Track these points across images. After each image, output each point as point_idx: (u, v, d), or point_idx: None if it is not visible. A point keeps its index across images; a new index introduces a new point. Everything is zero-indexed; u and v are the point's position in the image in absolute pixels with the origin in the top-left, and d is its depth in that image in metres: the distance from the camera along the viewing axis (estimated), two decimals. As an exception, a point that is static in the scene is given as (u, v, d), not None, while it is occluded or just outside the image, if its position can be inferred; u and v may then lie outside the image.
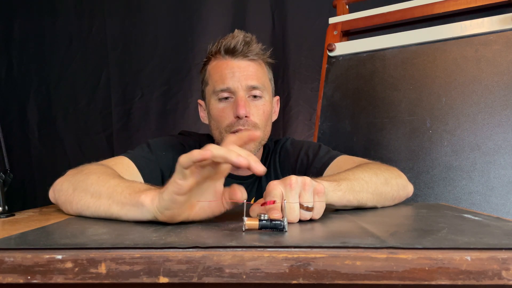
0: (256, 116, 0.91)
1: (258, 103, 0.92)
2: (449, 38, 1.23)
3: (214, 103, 0.93)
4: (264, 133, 0.94)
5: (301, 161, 0.97)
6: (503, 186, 1.07)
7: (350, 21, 1.43)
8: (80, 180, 0.64)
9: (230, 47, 0.90)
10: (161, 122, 2.00)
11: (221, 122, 0.91)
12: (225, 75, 0.90)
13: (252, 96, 0.92)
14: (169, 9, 2.00)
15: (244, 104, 0.89)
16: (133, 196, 0.55)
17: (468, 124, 1.15)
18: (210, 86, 0.94)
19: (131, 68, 2.01)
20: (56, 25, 2.03)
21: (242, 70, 0.91)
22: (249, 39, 0.92)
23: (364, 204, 0.68)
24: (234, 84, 0.89)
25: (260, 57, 0.94)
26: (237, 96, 0.89)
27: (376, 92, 1.32)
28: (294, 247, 0.39)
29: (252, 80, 0.91)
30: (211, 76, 0.94)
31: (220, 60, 0.93)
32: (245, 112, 0.88)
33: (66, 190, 0.65)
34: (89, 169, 0.67)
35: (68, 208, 0.65)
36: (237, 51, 0.91)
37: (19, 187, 2.03)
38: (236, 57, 0.91)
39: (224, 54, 0.92)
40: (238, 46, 0.90)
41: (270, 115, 0.98)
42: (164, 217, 0.51)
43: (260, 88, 0.92)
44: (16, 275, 0.38)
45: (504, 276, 0.36)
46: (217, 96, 0.91)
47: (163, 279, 0.37)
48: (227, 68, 0.91)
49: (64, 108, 2.04)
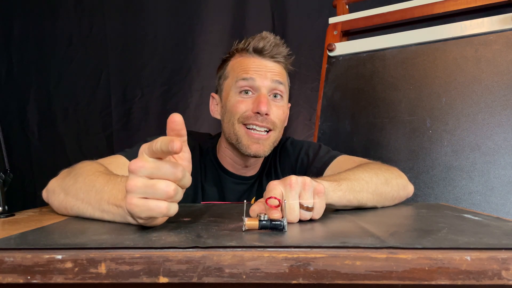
0: (276, 115, 0.90)
1: (279, 103, 0.92)
2: (449, 38, 1.23)
3: (233, 95, 0.91)
4: (279, 134, 0.94)
5: (301, 161, 0.97)
6: (503, 186, 1.07)
7: (350, 21, 1.43)
8: (70, 185, 0.64)
9: (259, 46, 0.90)
10: (161, 122, 2.00)
11: (236, 112, 0.89)
12: (250, 68, 0.89)
13: (273, 95, 0.91)
14: (169, 9, 2.00)
15: (267, 101, 0.88)
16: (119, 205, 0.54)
17: (468, 124, 1.15)
18: (231, 79, 0.92)
19: (131, 68, 2.01)
20: (56, 25, 2.03)
21: (268, 68, 0.90)
22: (278, 42, 0.92)
23: (364, 204, 0.68)
24: (259, 78, 0.89)
25: (286, 61, 0.94)
26: (260, 93, 0.89)
27: (376, 92, 1.32)
28: (294, 247, 0.39)
29: (277, 77, 0.90)
30: (234, 69, 0.92)
31: (246, 57, 0.92)
32: (266, 109, 0.87)
33: (59, 195, 0.65)
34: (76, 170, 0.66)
35: (64, 212, 0.65)
36: (266, 51, 0.90)
37: (19, 187, 2.03)
38: (263, 57, 0.91)
39: (251, 51, 0.91)
40: (268, 46, 0.90)
41: (286, 118, 0.97)
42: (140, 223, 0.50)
43: (283, 89, 0.92)
44: (16, 275, 0.38)
45: (504, 276, 0.36)
46: (237, 88, 0.90)
47: (163, 279, 0.37)
48: (254, 63, 0.90)
49: (64, 108, 2.04)
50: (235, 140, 0.90)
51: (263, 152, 0.90)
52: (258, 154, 0.90)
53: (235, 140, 0.90)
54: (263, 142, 0.90)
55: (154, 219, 0.48)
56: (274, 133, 0.91)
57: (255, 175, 0.99)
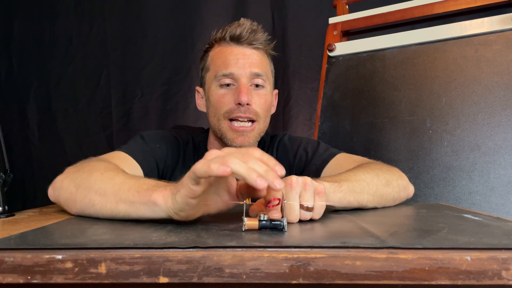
0: (258, 104, 0.90)
1: (260, 92, 0.91)
2: (449, 38, 1.23)
3: (214, 89, 0.91)
4: (264, 124, 0.93)
5: (300, 157, 0.96)
6: (503, 186, 1.07)
7: (350, 21, 1.43)
8: (82, 178, 0.62)
9: (235, 34, 0.89)
10: (161, 122, 2.00)
11: (220, 108, 0.90)
12: (229, 61, 0.89)
13: (255, 85, 0.91)
14: (169, 9, 2.00)
15: (247, 91, 0.87)
16: (143, 194, 0.53)
17: (468, 124, 1.15)
18: (211, 72, 0.93)
19: (131, 68, 2.01)
20: (56, 25, 2.03)
21: (247, 57, 0.89)
22: (256, 28, 0.91)
23: (364, 205, 0.68)
24: (238, 70, 0.88)
25: (265, 47, 0.93)
26: (240, 83, 0.88)
27: (376, 92, 1.32)
28: (294, 247, 0.39)
29: (256, 67, 0.90)
30: (214, 62, 0.92)
31: (224, 46, 0.91)
32: (247, 99, 0.87)
33: (68, 188, 0.63)
34: (91, 166, 0.65)
35: (71, 207, 0.63)
36: (243, 38, 0.90)
37: (19, 187, 2.03)
38: (241, 44, 0.90)
39: (229, 40, 0.90)
40: (244, 33, 0.89)
41: (270, 107, 0.97)
42: (180, 217, 0.51)
43: (263, 77, 0.91)
44: (16, 275, 0.38)
45: (504, 276, 0.36)
46: (218, 82, 0.90)
47: (163, 279, 0.37)
48: (232, 54, 0.90)
49: (64, 108, 2.04)
50: (220, 135, 0.91)
51: (248, 143, 0.90)
52: (244, 145, 0.89)
53: (221, 135, 0.91)
54: (248, 133, 0.90)
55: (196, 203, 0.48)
56: (259, 124, 0.91)
57: None
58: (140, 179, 0.58)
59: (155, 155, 0.89)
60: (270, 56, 0.97)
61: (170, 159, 0.92)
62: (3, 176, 0.71)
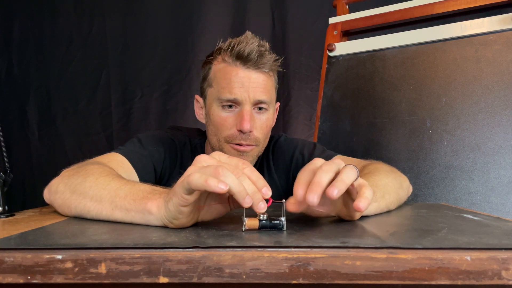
0: (259, 130, 0.88)
1: (263, 117, 0.89)
2: (449, 38, 1.23)
3: (216, 109, 0.88)
4: (263, 145, 0.92)
5: (297, 160, 0.95)
6: (503, 186, 1.07)
7: (350, 21, 1.43)
8: (77, 183, 0.62)
9: (243, 54, 0.84)
10: (161, 122, 2.00)
11: (221, 131, 0.88)
12: (233, 85, 0.85)
13: (258, 108, 0.88)
14: (169, 9, 2.00)
15: (250, 118, 0.85)
16: (138, 202, 0.53)
17: (468, 124, 1.15)
18: (214, 89, 0.89)
19: (131, 68, 2.01)
20: (56, 25, 2.03)
21: (252, 82, 0.86)
22: (264, 50, 0.86)
23: (389, 209, 0.68)
24: (242, 95, 0.85)
25: (272, 67, 0.90)
26: (243, 109, 0.85)
27: (376, 92, 1.32)
28: (294, 247, 0.39)
29: (261, 93, 0.86)
30: (217, 80, 0.89)
31: (229, 65, 0.87)
32: (249, 127, 0.85)
33: (63, 193, 0.63)
34: (86, 170, 0.65)
35: (66, 211, 0.63)
36: (250, 61, 0.85)
37: (19, 187, 2.03)
38: (247, 67, 0.86)
39: (235, 59, 0.86)
40: (252, 55, 0.84)
41: (271, 127, 0.94)
42: (174, 226, 0.50)
43: (268, 102, 0.88)
44: (16, 275, 0.38)
45: (504, 276, 0.36)
46: (220, 103, 0.87)
47: (163, 279, 0.37)
48: (237, 76, 0.85)
49: (64, 108, 2.04)
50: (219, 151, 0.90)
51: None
52: None
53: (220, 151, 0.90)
54: (247, 154, 0.89)
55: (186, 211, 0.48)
56: (258, 147, 0.90)
57: None
58: (136, 185, 0.58)
59: (152, 158, 0.88)
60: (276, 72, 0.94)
61: (167, 162, 0.92)
62: (3, 176, 0.71)
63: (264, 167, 0.98)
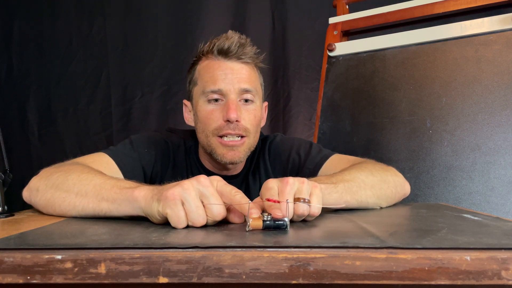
0: (247, 120, 0.87)
1: (250, 108, 0.88)
2: (449, 38, 1.23)
3: (202, 105, 0.88)
4: (254, 139, 0.91)
5: (293, 161, 0.95)
6: (503, 186, 1.07)
7: (350, 21, 1.43)
8: (59, 181, 0.62)
9: (223, 48, 0.86)
10: (161, 122, 2.00)
11: (208, 124, 0.87)
12: (217, 76, 0.86)
13: (244, 100, 0.88)
14: (169, 9, 2.00)
15: (236, 107, 0.85)
16: (125, 191, 0.55)
17: (468, 124, 1.15)
18: (199, 86, 0.90)
19: (131, 68, 2.01)
20: (56, 25, 2.03)
21: (235, 72, 0.87)
22: (244, 41, 0.88)
23: (365, 203, 0.68)
24: (226, 86, 0.85)
25: (254, 60, 0.90)
26: (228, 99, 0.85)
27: (376, 92, 1.32)
28: (294, 247, 0.39)
29: (245, 83, 0.87)
30: (201, 76, 0.90)
31: (212, 60, 0.89)
32: (236, 116, 0.84)
33: (45, 192, 0.64)
34: (67, 168, 0.65)
35: (50, 211, 0.63)
36: (231, 53, 0.87)
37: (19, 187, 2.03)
38: (229, 59, 0.87)
39: (217, 54, 0.87)
40: (233, 47, 0.86)
41: (260, 121, 0.94)
42: (156, 222, 0.53)
43: (253, 92, 0.88)
44: (15, 275, 0.38)
45: (503, 276, 0.36)
46: (206, 97, 0.87)
47: (163, 279, 0.37)
48: (219, 69, 0.87)
49: (64, 108, 2.04)
50: (210, 151, 0.89)
51: (239, 158, 0.88)
52: (234, 161, 0.88)
53: (210, 151, 0.89)
54: (238, 148, 0.87)
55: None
56: (249, 139, 0.89)
57: (240, 173, 0.97)
58: (121, 180, 0.60)
59: (142, 161, 0.88)
60: (260, 68, 0.95)
61: (159, 164, 0.92)
62: (3, 176, 0.71)
63: (261, 167, 0.97)
